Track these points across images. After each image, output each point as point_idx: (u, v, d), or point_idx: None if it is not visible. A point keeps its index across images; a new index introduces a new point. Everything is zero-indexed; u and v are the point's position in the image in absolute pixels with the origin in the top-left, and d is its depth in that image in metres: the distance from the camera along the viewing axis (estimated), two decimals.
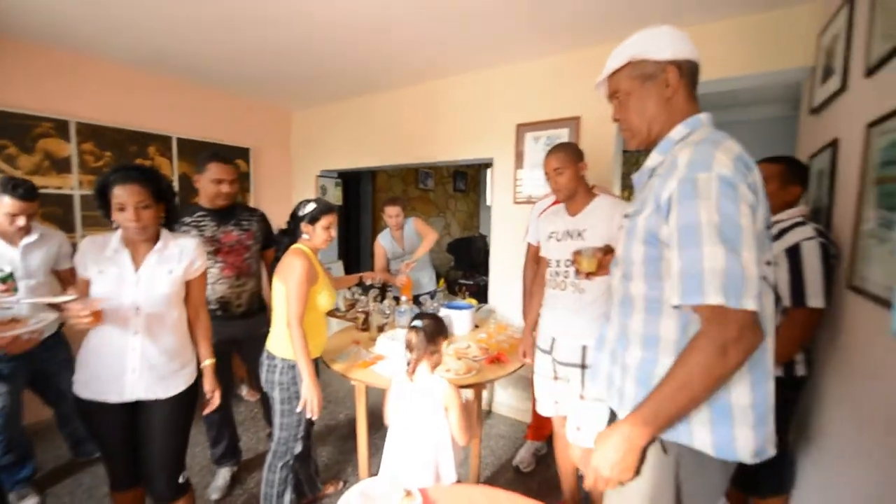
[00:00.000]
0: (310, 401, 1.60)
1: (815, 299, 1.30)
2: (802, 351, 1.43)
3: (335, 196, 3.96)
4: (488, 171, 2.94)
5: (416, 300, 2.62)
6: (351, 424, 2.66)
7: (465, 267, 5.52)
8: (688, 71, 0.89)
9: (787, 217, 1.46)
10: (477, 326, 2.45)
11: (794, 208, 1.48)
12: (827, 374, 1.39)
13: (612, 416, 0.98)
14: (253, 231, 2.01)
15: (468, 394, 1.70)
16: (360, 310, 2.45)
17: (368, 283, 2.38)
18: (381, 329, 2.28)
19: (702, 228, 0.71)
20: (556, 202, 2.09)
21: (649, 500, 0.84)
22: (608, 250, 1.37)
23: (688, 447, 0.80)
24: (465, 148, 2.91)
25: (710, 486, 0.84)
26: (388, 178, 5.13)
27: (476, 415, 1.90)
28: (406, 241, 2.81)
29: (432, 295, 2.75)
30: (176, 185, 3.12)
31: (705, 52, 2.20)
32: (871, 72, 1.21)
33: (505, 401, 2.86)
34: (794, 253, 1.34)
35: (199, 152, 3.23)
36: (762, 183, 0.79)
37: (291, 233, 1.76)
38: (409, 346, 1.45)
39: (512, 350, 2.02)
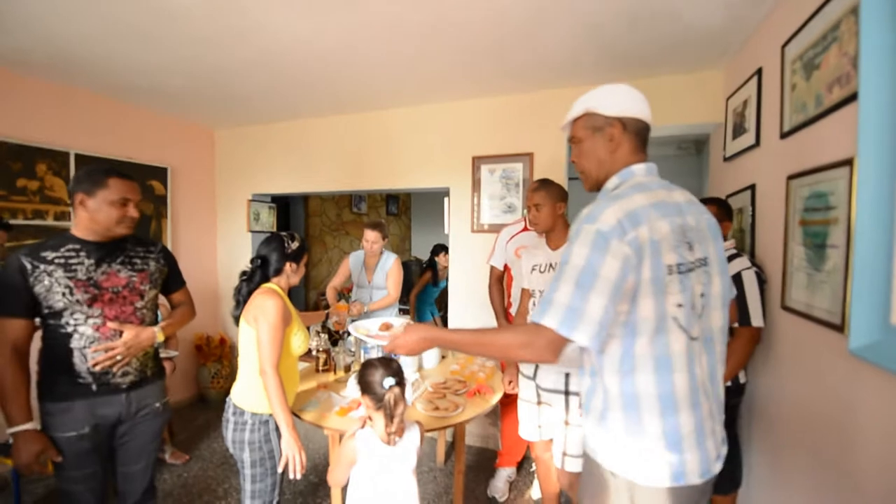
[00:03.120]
0: (292, 457, 1.43)
1: (757, 319, 1.56)
2: None
3: (269, 222, 3.65)
4: (445, 199, 2.97)
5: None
6: (308, 482, 2.41)
7: (402, 292, 5.45)
8: (633, 127, 0.98)
9: (724, 249, 1.73)
10: (444, 357, 2.43)
11: (728, 241, 1.76)
12: (765, 381, 1.65)
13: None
14: (149, 271, 1.50)
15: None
16: (320, 349, 2.26)
17: (333, 319, 2.21)
18: (347, 369, 2.14)
19: (568, 268, 0.84)
20: (524, 229, 2.22)
21: None
22: None
23: (641, 485, 0.88)
24: (421, 176, 2.92)
25: None
26: (321, 201, 4.91)
27: (461, 450, 1.86)
28: (376, 275, 2.67)
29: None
30: (73, 210, 2.60)
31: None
32: (785, 135, 1.52)
33: (470, 429, 2.84)
34: (737, 280, 1.59)
35: None
36: (661, 235, 0.84)
37: (263, 272, 1.59)
38: (393, 410, 1.25)
39: (489, 380, 2.04)
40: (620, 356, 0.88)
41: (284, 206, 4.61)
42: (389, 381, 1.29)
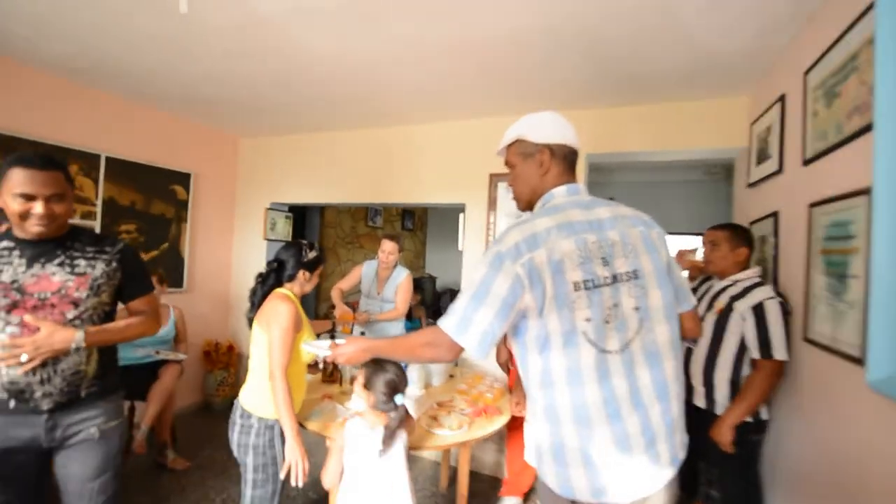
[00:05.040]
0: (295, 463, 1.42)
1: (780, 352, 1.49)
2: None
3: (286, 231, 3.71)
4: (460, 215, 2.98)
5: None
6: (308, 498, 2.37)
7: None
8: (560, 153, 1.05)
9: (745, 277, 1.67)
10: (451, 376, 2.39)
11: (751, 269, 1.71)
12: (789, 417, 1.57)
13: None
14: (91, 276, 1.25)
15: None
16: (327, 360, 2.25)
17: (339, 328, 2.21)
18: (353, 381, 2.11)
19: (470, 283, 0.95)
20: None
21: None
22: None
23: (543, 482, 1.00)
24: (438, 192, 2.95)
25: None
26: (337, 213, 4.97)
27: (464, 474, 1.81)
28: (386, 288, 2.67)
29: None
30: (99, 210, 2.70)
31: (659, 128, 2.44)
32: (807, 162, 1.50)
33: (480, 455, 2.75)
34: (759, 310, 1.53)
35: (132, 175, 2.87)
36: (563, 254, 0.91)
37: (277, 276, 1.61)
38: (392, 428, 1.38)
39: (496, 401, 1.99)
40: (541, 370, 0.94)
41: (301, 215, 4.69)
42: (400, 399, 1.39)
